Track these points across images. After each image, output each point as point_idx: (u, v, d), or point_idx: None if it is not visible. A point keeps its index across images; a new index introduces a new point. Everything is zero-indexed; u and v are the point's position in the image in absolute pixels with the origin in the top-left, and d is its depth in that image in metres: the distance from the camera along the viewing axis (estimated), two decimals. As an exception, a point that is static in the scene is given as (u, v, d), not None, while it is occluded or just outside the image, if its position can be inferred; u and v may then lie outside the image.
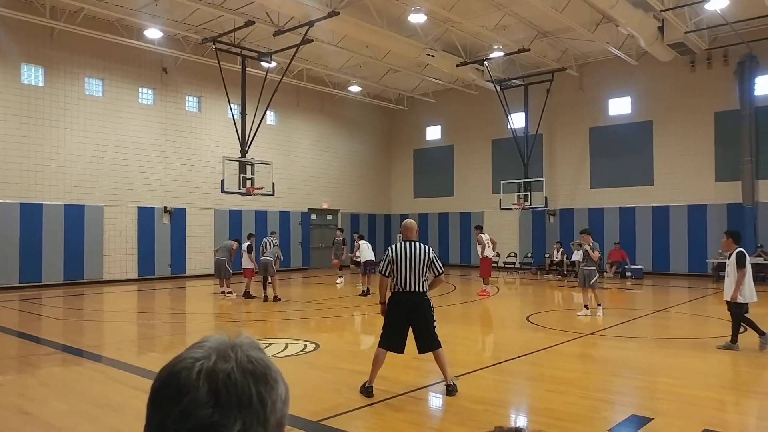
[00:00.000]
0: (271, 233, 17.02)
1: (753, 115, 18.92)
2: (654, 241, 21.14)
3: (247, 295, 14.51)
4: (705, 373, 7.13)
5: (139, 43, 18.21)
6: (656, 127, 21.24)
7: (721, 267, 18.81)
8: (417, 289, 5.98)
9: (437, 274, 6.17)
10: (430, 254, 6.11)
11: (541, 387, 6.56)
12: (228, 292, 14.88)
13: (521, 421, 5.41)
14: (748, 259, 8.15)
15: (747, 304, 8.14)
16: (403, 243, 6.12)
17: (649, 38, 17.66)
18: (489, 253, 15.44)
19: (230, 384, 0.79)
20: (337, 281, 18.66)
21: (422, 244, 6.14)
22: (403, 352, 6.02)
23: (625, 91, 21.87)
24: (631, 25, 16.56)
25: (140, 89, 19.82)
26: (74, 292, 16.48)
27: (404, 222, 6.37)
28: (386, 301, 6.17)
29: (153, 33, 17.84)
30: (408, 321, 5.99)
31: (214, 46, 17.25)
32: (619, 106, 22.18)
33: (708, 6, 15.81)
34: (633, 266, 20.42)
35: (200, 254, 20.89)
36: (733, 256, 8.17)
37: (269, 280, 14.22)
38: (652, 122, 21.32)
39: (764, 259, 18.26)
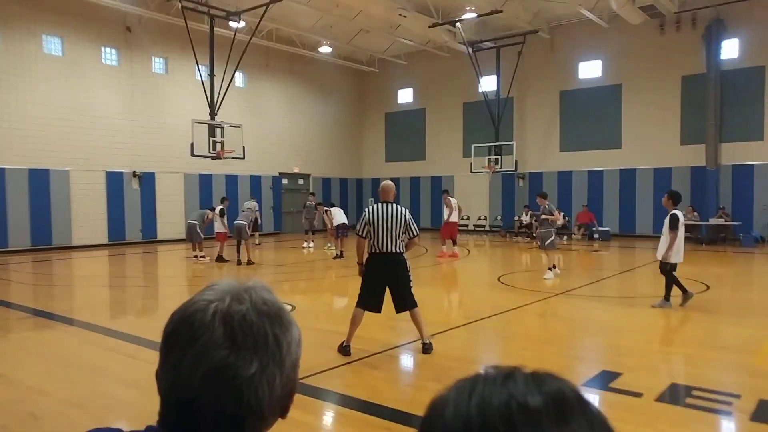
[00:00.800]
0: (252, 197, 16.90)
1: (718, 79, 19.28)
2: (621, 203, 21.65)
3: (219, 259, 14.46)
4: (669, 329, 7.45)
5: (100, -1, 17.40)
6: (625, 90, 21.49)
7: (686, 229, 19.54)
8: (394, 250, 6.04)
9: (412, 236, 6.21)
10: (407, 216, 6.15)
11: (514, 345, 6.76)
12: (201, 256, 14.77)
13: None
14: (682, 221, 8.41)
15: (676, 264, 8.43)
16: (380, 204, 6.15)
17: (620, 0, 17.68)
18: (455, 217, 15.60)
19: (246, 325, 0.79)
20: (304, 245, 18.39)
21: (399, 206, 6.18)
22: (380, 312, 6.12)
23: (596, 55, 21.99)
24: (603, -12, 16.54)
25: (103, 48, 19.08)
26: (43, 257, 16.17)
27: (382, 183, 6.40)
28: (363, 262, 6.23)
29: (114, -12, 17.05)
30: (385, 281, 6.07)
31: (180, 4, 16.63)
32: (590, 70, 22.31)
33: (679, -31, 15.88)
34: (601, 228, 20.92)
35: (171, 219, 20.60)
36: (668, 217, 8.40)
37: (242, 243, 14.17)
38: (622, 86, 21.55)
39: (725, 221, 18.93)
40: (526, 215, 22.45)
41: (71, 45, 18.22)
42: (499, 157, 21.70)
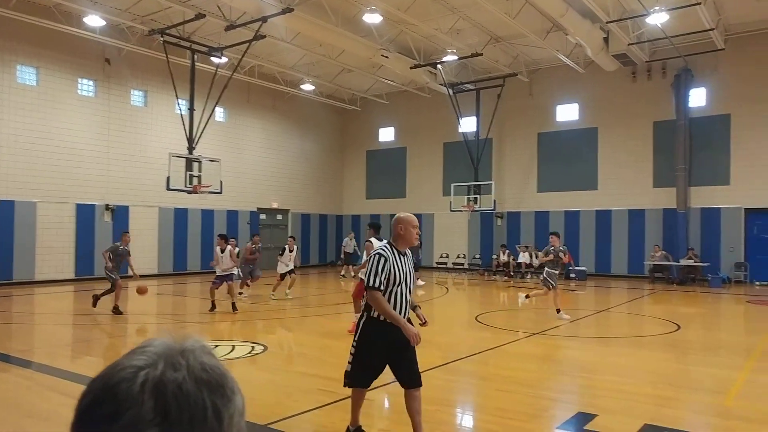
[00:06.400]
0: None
1: (687, 125, 19.88)
2: (597, 244, 21.87)
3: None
4: (643, 370, 7.41)
5: (79, 30, 17.36)
6: (601, 133, 22.00)
7: (658, 269, 19.84)
8: (408, 313, 4.54)
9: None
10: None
11: (492, 386, 6.63)
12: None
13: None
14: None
15: None
16: (391, 247, 4.52)
17: (595, 48, 18.28)
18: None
19: (182, 397, 0.67)
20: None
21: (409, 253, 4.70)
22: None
23: (573, 98, 22.56)
24: (579, 35, 17.09)
25: (80, 80, 18.96)
26: (2, 293, 15.52)
27: (403, 216, 4.70)
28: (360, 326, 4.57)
29: (94, 21, 17.04)
30: (391, 353, 4.44)
31: (161, 39, 16.70)
32: (567, 113, 22.84)
33: (649, 20, 16.49)
34: (577, 268, 21.05)
35: (144, 253, 20.13)
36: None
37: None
38: (598, 129, 22.07)
39: (695, 262, 19.25)
40: (504, 254, 22.56)
41: (46, 76, 18.06)
42: (478, 196, 21.87)
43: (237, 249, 13.57)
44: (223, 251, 12.70)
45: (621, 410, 5.52)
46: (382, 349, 4.39)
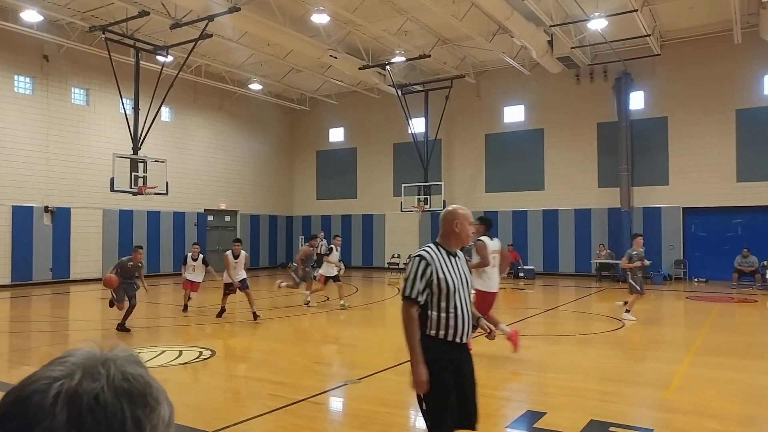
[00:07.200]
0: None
1: (628, 127, 20.65)
2: (545, 243, 22.43)
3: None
4: (590, 366, 7.63)
5: (15, 26, 16.54)
6: (547, 135, 22.58)
7: (604, 267, 20.51)
8: (469, 336, 3.58)
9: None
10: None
11: (442, 386, 6.68)
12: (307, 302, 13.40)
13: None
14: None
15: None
16: (440, 250, 3.50)
17: (540, 50, 18.75)
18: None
19: (98, 408, 0.64)
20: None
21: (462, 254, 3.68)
22: None
23: (519, 100, 23.06)
24: (524, 37, 17.49)
25: (16, 77, 18.08)
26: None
27: (457, 209, 3.58)
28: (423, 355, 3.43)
29: (31, 16, 16.28)
30: (457, 386, 3.52)
31: (103, 36, 16.09)
32: (514, 114, 23.33)
33: (590, 25, 17.05)
34: (525, 267, 21.54)
35: (87, 257, 19.42)
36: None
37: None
38: (543, 130, 22.64)
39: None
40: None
41: (-20, 72, 17.14)
42: (428, 196, 22.08)
43: (201, 255, 13.04)
44: (237, 256, 11.97)
45: (569, 407, 5.67)
46: (450, 373, 3.42)
